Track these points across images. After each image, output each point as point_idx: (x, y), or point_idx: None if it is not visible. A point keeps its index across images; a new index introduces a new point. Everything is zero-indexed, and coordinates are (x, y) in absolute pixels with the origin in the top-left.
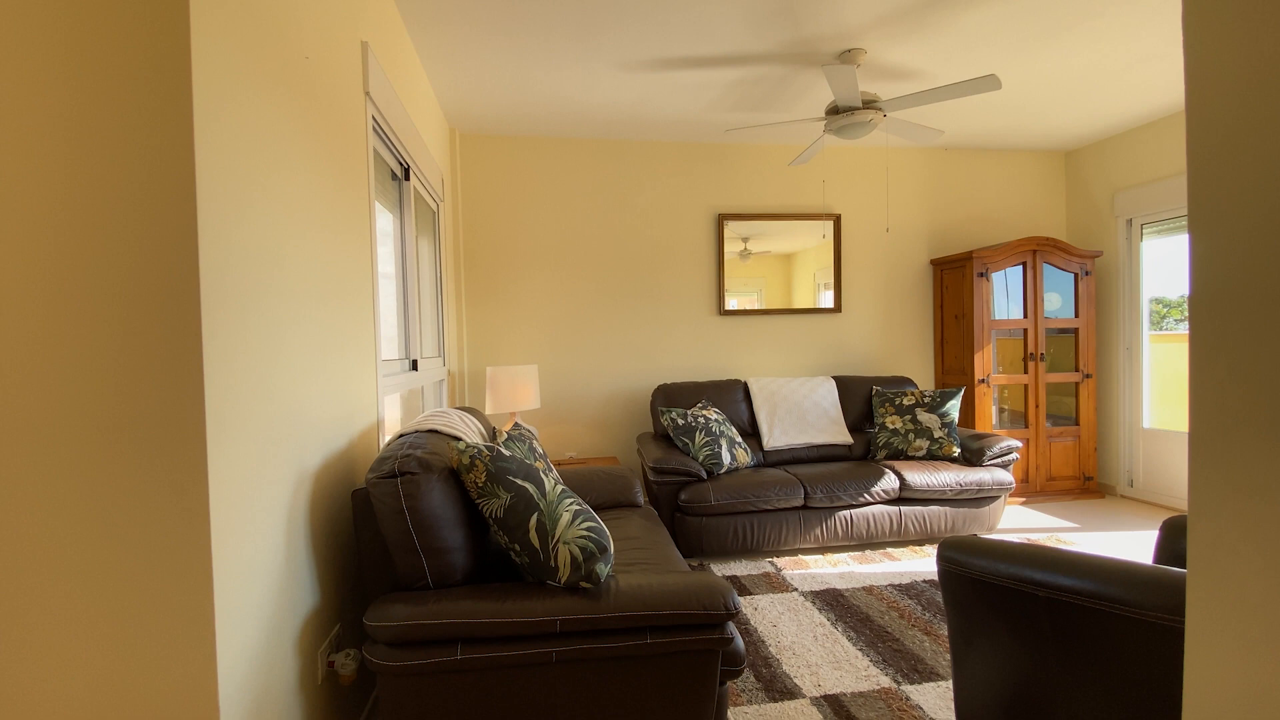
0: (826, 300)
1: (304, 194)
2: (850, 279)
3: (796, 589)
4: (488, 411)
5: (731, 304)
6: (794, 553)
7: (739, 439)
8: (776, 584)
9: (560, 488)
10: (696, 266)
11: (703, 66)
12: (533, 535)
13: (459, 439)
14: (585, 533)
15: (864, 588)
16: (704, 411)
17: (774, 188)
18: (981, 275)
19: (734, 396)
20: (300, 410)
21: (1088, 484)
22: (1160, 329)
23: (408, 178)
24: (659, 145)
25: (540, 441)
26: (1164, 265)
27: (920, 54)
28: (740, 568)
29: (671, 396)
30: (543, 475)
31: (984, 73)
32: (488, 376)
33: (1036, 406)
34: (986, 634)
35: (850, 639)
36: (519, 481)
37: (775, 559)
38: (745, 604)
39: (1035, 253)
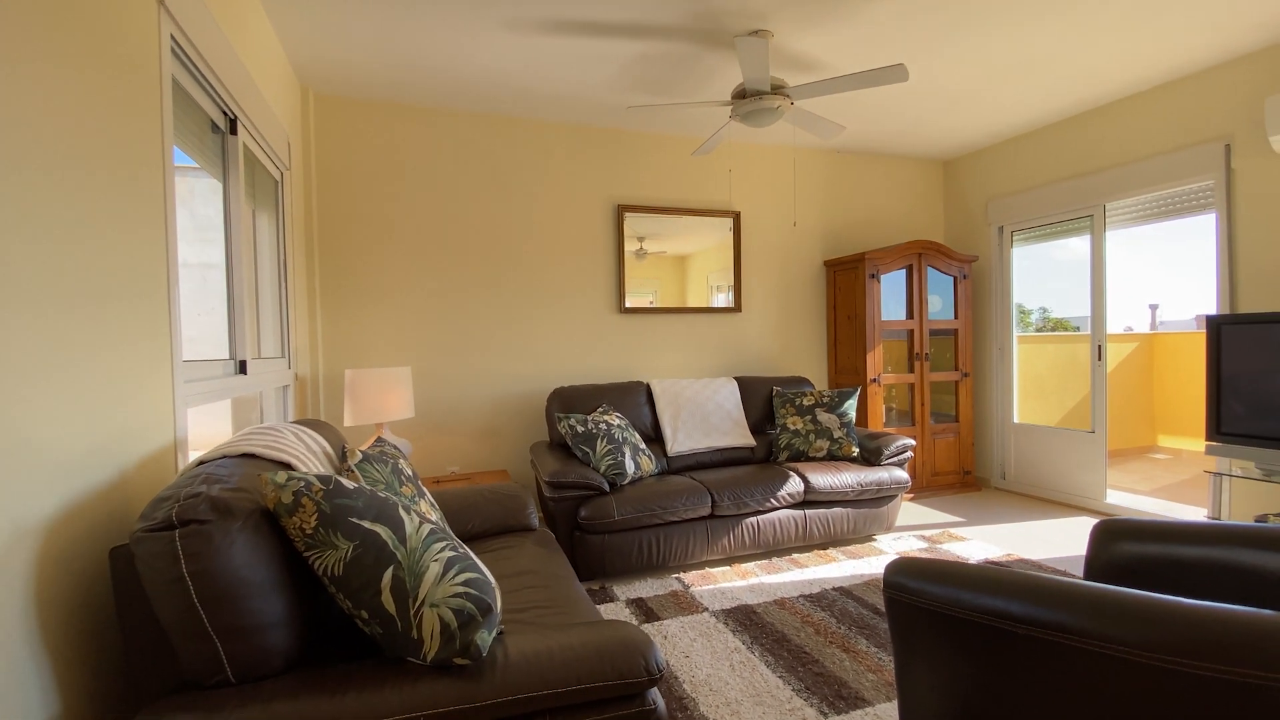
0: (720, 303)
1: (20, 114)
2: (749, 278)
3: (707, 608)
4: (348, 423)
5: (632, 303)
6: (701, 566)
7: (643, 445)
8: (686, 604)
9: (427, 528)
10: (595, 260)
11: (601, 35)
12: (387, 598)
13: (288, 465)
14: (462, 589)
15: (776, 601)
16: (605, 417)
17: (676, 180)
18: (873, 277)
19: (636, 399)
20: (9, 436)
21: (966, 478)
22: (1026, 331)
23: (234, 131)
24: (553, 125)
25: (414, 458)
26: (1031, 273)
27: (827, 44)
28: (646, 588)
29: (569, 401)
30: (403, 512)
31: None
32: (346, 381)
33: (922, 405)
34: (944, 670)
35: (769, 664)
36: (366, 525)
37: (683, 574)
38: (654, 631)
39: (920, 255)
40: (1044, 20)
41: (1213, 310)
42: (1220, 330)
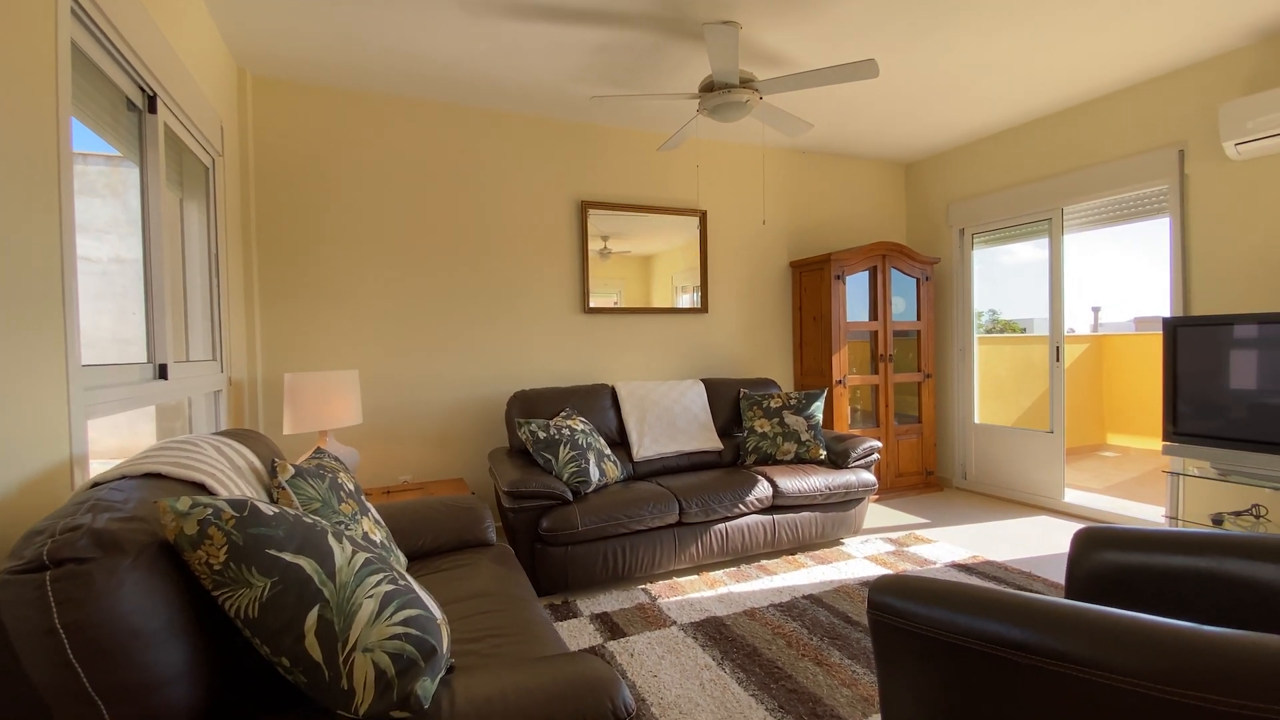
0: (685, 303)
1: None
2: (716, 279)
3: (675, 621)
4: (287, 432)
5: (596, 303)
6: (669, 575)
7: (608, 451)
8: (653, 618)
9: (362, 558)
10: (558, 257)
11: (564, 21)
12: (311, 643)
13: (201, 486)
14: (400, 629)
15: (745, 612)
16: (569, 421)
17: (642, 177)
18: (838, 278)
19: (601, 403)
20: None
21: (929, 478)
22: (986, 333)
23: (153, 109)
24: (514, 117)
25: (362, 467)
26: (981, 276)
27: (795, 38)
28: (611, 601)
29: (531, 405)
30: (333, 540)
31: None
32: (286, 386)
33: (886, 406)
34: (932, 696)
35: (740, 682)
36: (287, 557)
37: (649, 585)
38: (620, 649)
39: (885, 257)
40: (1007, 24)
41: (1147, 313)
42: (1176, 332)
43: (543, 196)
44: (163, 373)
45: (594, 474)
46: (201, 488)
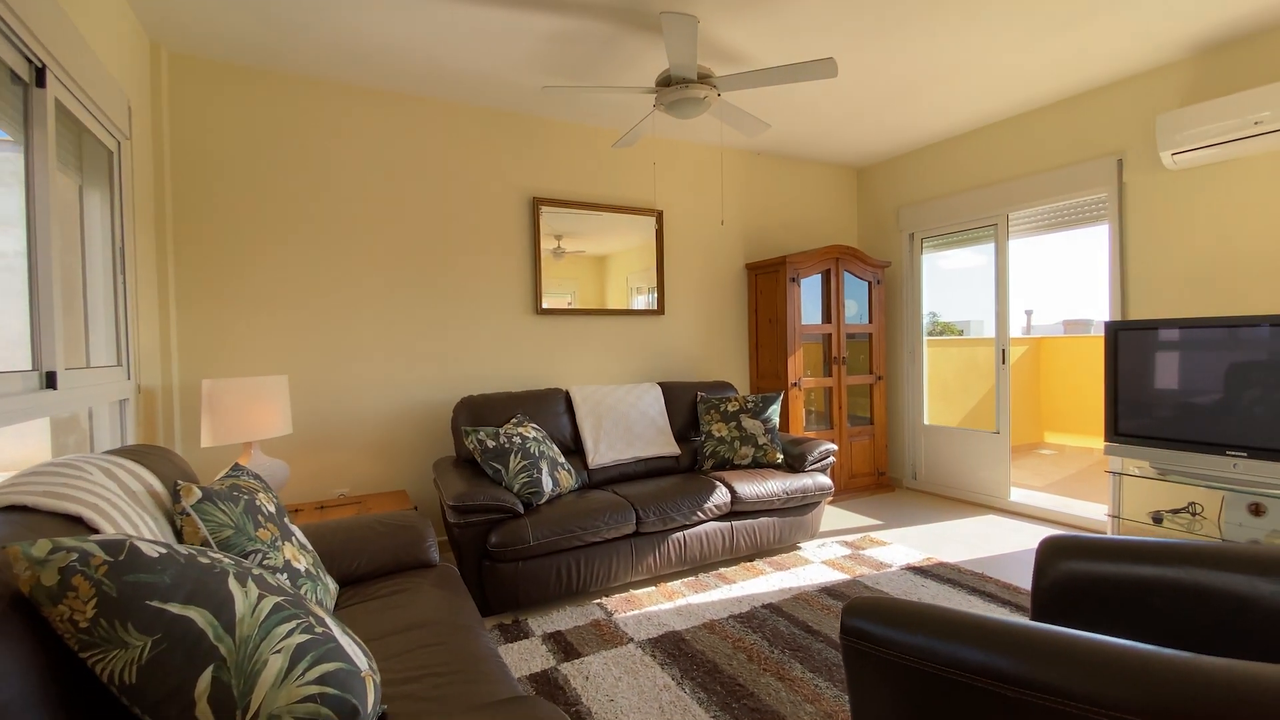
0: (640, 305)
1: None
2: (672, 280)
3: (632, 638)
4: (205, 444)
5: (549, 304)
6: (625, 588)
7: (561, 459)
8: (609, 635)
9: (270, 603)
10: (508, 256)
11: (513, 6)
12: (204, 711)
13: (79, 519)
14: (316, 688)
15: (705, 625)
16: (520, 429)
17: (596, 174)
18: (793, 280)
19: (555, 408)
20: None
21: (881, 479)
22: (935, 335)
23: (42, 83)
24: (462, 108)
25: (292, 482)
26: (928, 278)
27: (754, 36)
28: (565, 618)
29: (479, 412)
30: (234, 583)
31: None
32: (204, 393)
33: (840, 408)
34: None
35: (701, 702)
36: (174, 609)
37: (605, 599)
38: (574, 671)
39: (838, 260)
40: (960, 29)
41: (1074, 316)
42: (1117, 336)
43: (492, 192)
44: (51, 381)
45: (547, 484)
46: (78, 521)
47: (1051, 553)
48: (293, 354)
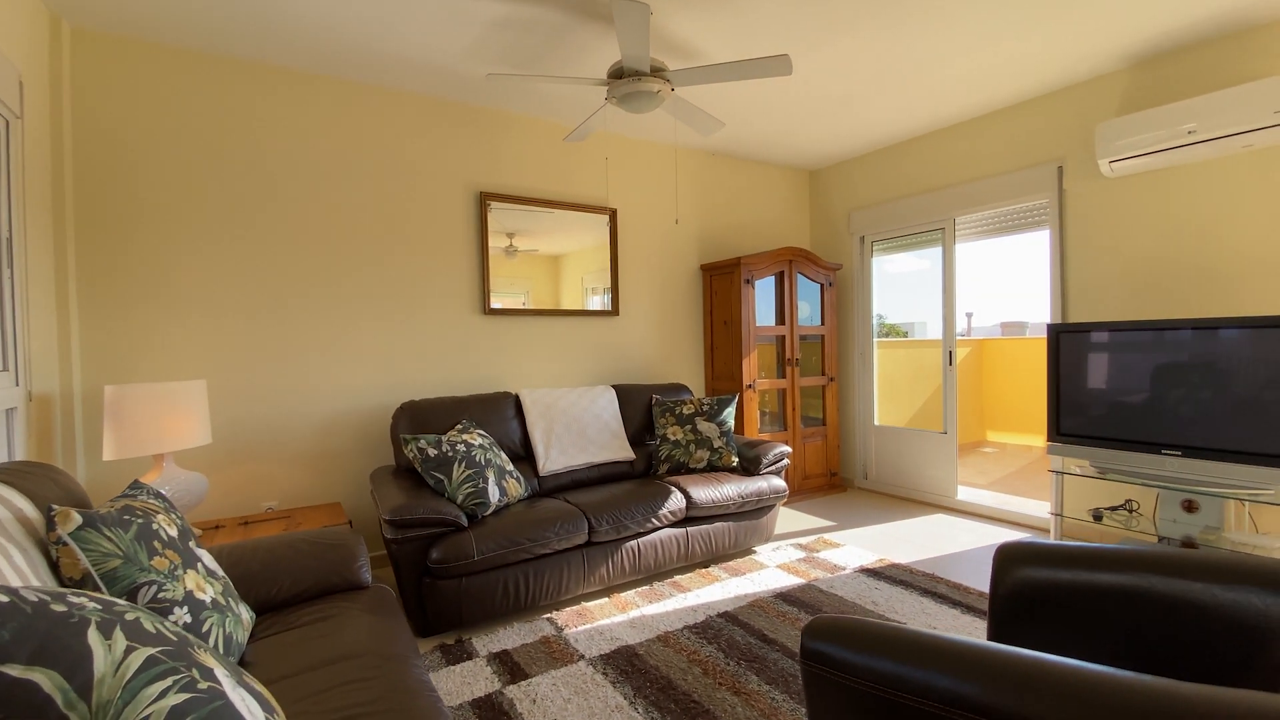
0: (595, 305)
1: None
2: (627, 280)
3: (583, 655)
4: (108, 457)
5: (495, 304)
6: (577, 601)
7: (510, 466)
8: (559, 652)
9: (143, 656)
10: (455, 253)
11: None
12: None
13: None
14: None
15: (659, 637)
16: (465, 435)
17: (548, 170)
18: (748, 282)
19: (504, 413)
20: None
21: (833, 479)
22: (882, 337)
23: None
24: (404, 96)
25: (213, 496)
26: (885, 280)
27: (707, 31)
28: (512, 635)
29: (422, 417)
30: (96, 634)
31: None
32: (106, 400)
33: (793, 409)
34: None
35: None
36: (13, 672)
37: (555, 613)
38: (521, 694)
39: (791, 262)
40: (911, 34)
41: (1010, 318)
42: (1059, 338)
43: (436, 185)
44: None
45: (493, 494)
46: None
47: (1008, 560)
48: (214, 357)
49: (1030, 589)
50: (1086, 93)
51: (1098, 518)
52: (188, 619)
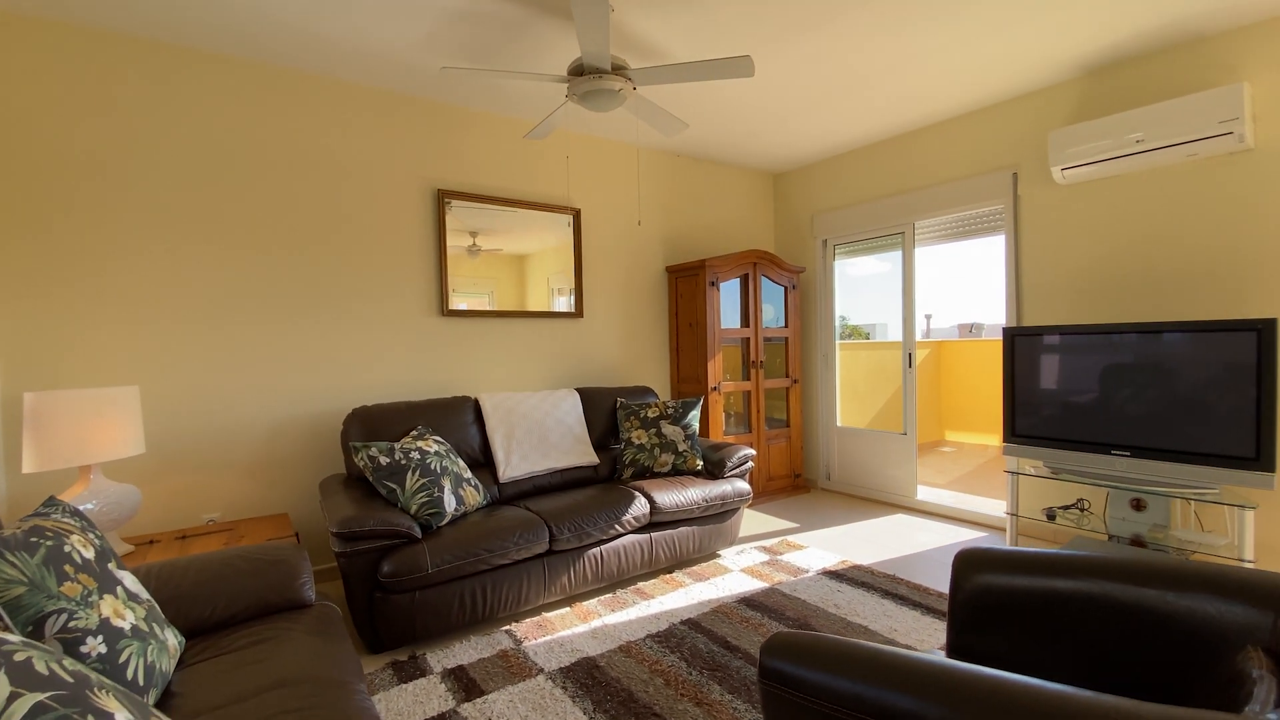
0: (561, 306)
1: None
2: (591, 282)
3: (543, 669)
4: (28, 469)
5: (461, 305)
6: (537, 611)
7: (468, 474)
8: (517, 667)
9: (29, 704)
10: (411, 252)
11: None
12: None
13: None
14: None
15: (621, 647)
16: (420, 442)
17: (508, 168)
18: (713, 284)
19: (462, 418)
20: None
21: (797, 480)
22: (844, 339)
23: None
24: (357, 88)
25: (147, 509)
26: (847, 283)
27: (669, 30)
28: (469, 650)
29: (374, 424)
30: None
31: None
32: (26, 408)
33: (758, 411)
34: None
35: None
36: None
37: (515, 625)
38: (476, 713)
39: (755, 265)
40: (873, 38)
41: (967, 320)
42: (1015, 341)
43: (392, 182)
44: None
45: (449, 503)
46: None
47: (967, 566)
48: (148, 360)
49: (989, 595)
50: (1041, 101)
51: (1051, 517)
52: (103, 649)
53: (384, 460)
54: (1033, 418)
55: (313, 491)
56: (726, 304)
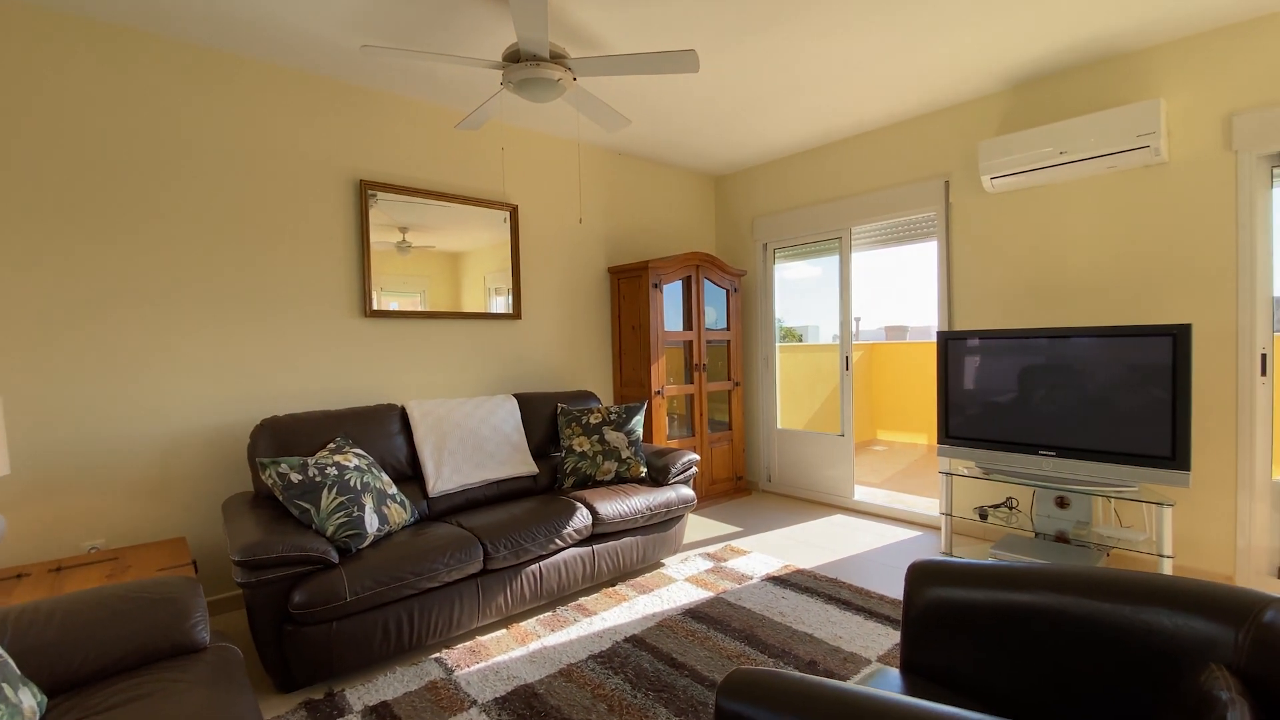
0: (499, 307)
1: None
2: (530, 281)
3: (475, 700)
4: None
5: (391, 304)
6: (470, 636)
7: (392, 489)
8: (447, 700)
9: None
10: (329, 247)
11: None
12: None
13: None
14: None
15: (561, 671)
16: (338, 456)
17: (439, 160)
18: (656, 286)
19: (387, 428)
20: None
21: (739, 483)
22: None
23: None
24: (269, 69)
25: (22, 536)
26: (784, 286)
27: (610, 21)
28: (394, 683)
29: (287, 436)
30: None
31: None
32: None
33: (701, 415)
34: None
35: None
36: None
37: (445, 652)
38: None
39: (698, 267)
40: (815, 42)
41: (893, 323)
42: (948, 345)
43: (308, 171)
44: None
45: (371, 523)
46: None
47: (921, 578)
48: (11, 368)
49: (944, 608)
50: (972, 111)
51: (982, 515)
52: None
53: (295, 477)
54: (965, 419)
55: (216, 512)
56: (670, 306)
